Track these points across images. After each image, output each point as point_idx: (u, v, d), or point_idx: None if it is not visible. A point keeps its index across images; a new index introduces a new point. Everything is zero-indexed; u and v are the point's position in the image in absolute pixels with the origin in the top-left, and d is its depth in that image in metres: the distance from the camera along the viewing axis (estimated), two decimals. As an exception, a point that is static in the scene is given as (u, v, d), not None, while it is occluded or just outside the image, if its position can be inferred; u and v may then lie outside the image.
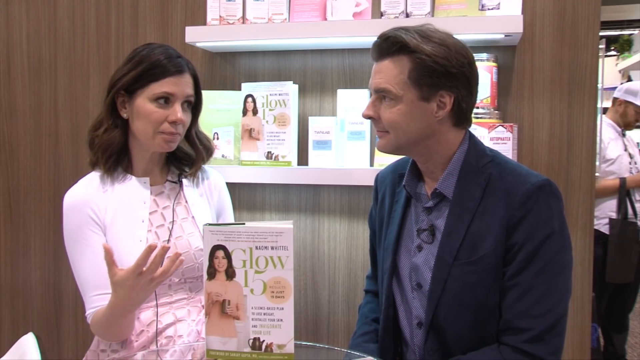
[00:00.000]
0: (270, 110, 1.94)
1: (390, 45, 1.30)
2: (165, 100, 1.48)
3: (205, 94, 2.03)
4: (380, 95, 1.33)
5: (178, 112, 1.49)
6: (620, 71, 5.89)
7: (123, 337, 1.48)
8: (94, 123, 1.56)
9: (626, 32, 6.41)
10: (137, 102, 1.49)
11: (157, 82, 1.47)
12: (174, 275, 1.53)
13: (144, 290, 1.34)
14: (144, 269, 1.30)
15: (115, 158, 1.54)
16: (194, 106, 1.58)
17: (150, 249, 1.29)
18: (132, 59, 1.51)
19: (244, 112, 1.98)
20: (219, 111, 2.04)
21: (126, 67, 1.50)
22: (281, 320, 1.22)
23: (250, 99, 1.97)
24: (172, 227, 1.55)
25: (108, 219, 1.51)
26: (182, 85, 1.50)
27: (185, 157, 1.62)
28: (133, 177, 1.56)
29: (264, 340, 1.22)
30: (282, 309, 1.21)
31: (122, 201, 1.53)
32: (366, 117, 1.36)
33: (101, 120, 1.54)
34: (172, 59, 1.49)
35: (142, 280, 1.31)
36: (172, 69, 1.48)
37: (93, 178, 1.57)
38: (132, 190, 1.54)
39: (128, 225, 1.51)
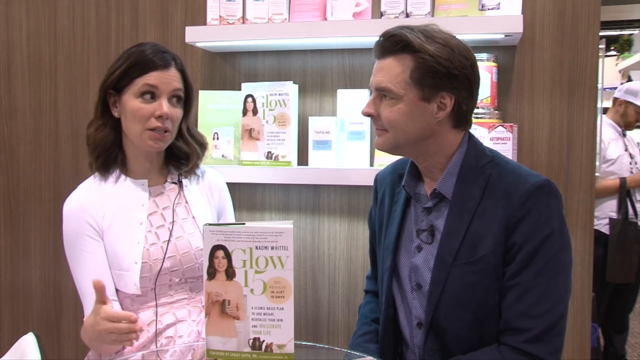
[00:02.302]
0: (270, 110, 1.94)
1: (393, 43, 1.30)
2: (151, 95, 1.48)
3: (205, 94, 2.04)
4: (381, 93, 1.33)
5: (164, 106, 1.48)
6: (620, 71, 5.89)
7: (108, 350, 1.48)
8: (90, 122, 1.57)
9: (626, 32, 6.41)
10: (124, 99, 1.49)
11: (141, 77, 1.47)
12: (174, 276, 1.53)
13: (105, 337, 1.35)
14: (117, 323, 1.33)
15: (105, 158, 1.54)
16: (185, 102, 1.57)
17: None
18: (121, 57, 1.51)
19: (244, 112, 1.98)
20: (219, 111, 2.04)
21: (114, 66, 1.51)
22: (281, 320, 1.22)
23: (250, 99, 1.97)
24: (172, 228, 1.54)
25: (106, 224, 1.51)
26: (167, 78, 1.49)
27: (184, 157, 1.61)
28: (129, 179, 1.55)
29: (264, 340, 1.22)
30: (282, 309, 1.21)
31: (119, 204, 1.53)
32: (366, 114, 1.36)
33: (93, 119, 1.55)
34: (158, 53, 1.49)
35: (107, 327, 1.34)
36: (157, 62, 1.48)
37: (91, 184, 1.57)
38: (130, 193, 1.54)
39: (126, 228, 1.51)
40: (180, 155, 1.61)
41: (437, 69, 1.27)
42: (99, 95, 1.52)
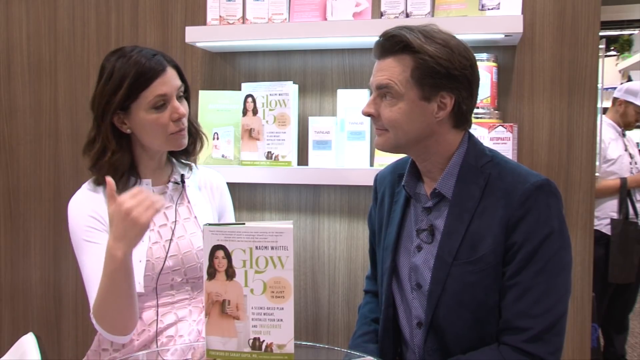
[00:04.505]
0: (270, 110, 1.94)
1: (393, 44, 1.30)
2: (162, 102, 1.47)
3: (205, 94, 2.05)
4: (381, 92, 1.33)
5: (178, 108, 1.48)
6: (620, 71, 5.89)
7: (124, 320, 1.42)
8: (97, 151, 1.50)
9: (626, 32, 6.41)
10: (138, 116, 1.47)
11: (146, 90, 1.45)
12: (176, 275, 1.53)
13: (136, 215, 1.29)
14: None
15: (127, 174, 1.52)
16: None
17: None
18: (112, 75, 1.46)
19: (244, 112, 1.98)
20: (219, 111, 2.04)
21: (109, 87, 1.45)
22: (281, 320, 1.22)
23: (250, 99, 1.97)
24: (174, 227, 1.55)
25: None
26: (170, 81, 1.48)
27: (190, 142, 1.60)
28: (137, 181, 1.56)
29: (264, 340, 1.22)
30: (282, 309, 1.21)
31: None
32: (366, 114, 1.36)
33: (105, 146, 1.49)
34: (150, 61, 1.46)
35: (135, 200, 1.30)
36: (155, 71, 1.45)
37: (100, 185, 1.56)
38: None
39: None
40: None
41: (437, 70, 1.27)
42: (106, 121, 1.47)
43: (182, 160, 1.65)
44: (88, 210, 1.51)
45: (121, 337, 1.45)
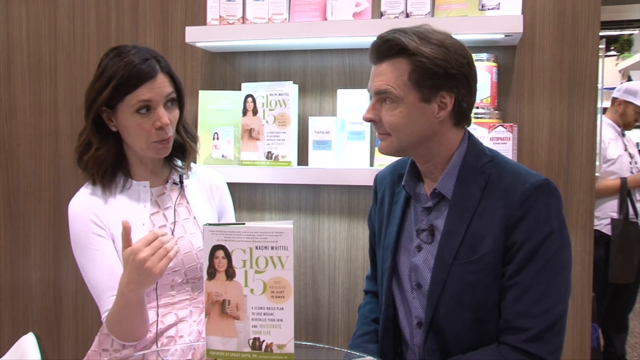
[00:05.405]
0: (270, 110, 1.94)
1: (389, 48, 1.30)
2: (147, 108, 1.45)
3: (205, 94, 2.05)
4: (381, 97, 1.33)
5: (162, 116, 1.46)
6: (620, 71, 5.89)
7: (137, 333, 1.45)
8: (82, 144, 1.52)
9: (626, 32, 6.41)
10: (121, 118, 1.47)
11: (131, 94, 1.43)
12: (176, 276, 1.53)
13: (150, 265, 1.30)
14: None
15: (110, 171, 1.52)
16: (178, 99, 1.53)
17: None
18: (102, 73, 1.46)
19: (244, 112, 1.98)
20: (219, 111, 2.04)
21: (98, 85, 1.46)
22: (281, 320, 1.22)
23: (250, 99, 1.97)
24: (173, 228, 1.55)
25: (112, 224, 1.51)
26: (157, 88, 1.45)
27: (179, 148, 1.59)
28: (134, 182, 1.56)
29: (264, 340, 1.22)
30: (282, 309, 1.21)
31: (123, 205, 1.53)
32: (367, 120, 1.36)
33: (89, 141, 1.51)
34: (141, 65, 1.43)
35: (150, 249, 1.30)
36: (142, 76, 1.43)
37: (95, 185, 1.56)
38: (132, 195, 1.54)
39: None
40: (176, 147, 1.59)
41: (435, 70, 1.27)
42: (91, 116, 1.48)
43: (178, 164, 1.62)
44: (89, 215, 1.50)
45: (134, 343, 1.48)
